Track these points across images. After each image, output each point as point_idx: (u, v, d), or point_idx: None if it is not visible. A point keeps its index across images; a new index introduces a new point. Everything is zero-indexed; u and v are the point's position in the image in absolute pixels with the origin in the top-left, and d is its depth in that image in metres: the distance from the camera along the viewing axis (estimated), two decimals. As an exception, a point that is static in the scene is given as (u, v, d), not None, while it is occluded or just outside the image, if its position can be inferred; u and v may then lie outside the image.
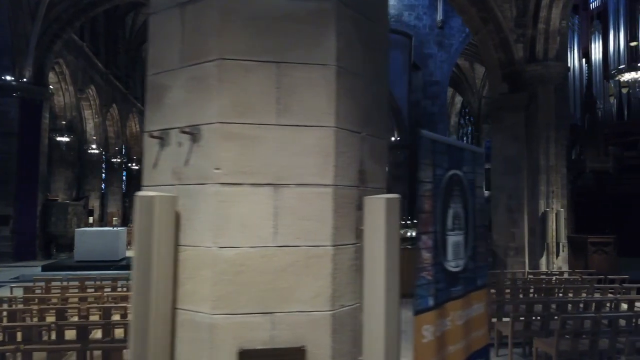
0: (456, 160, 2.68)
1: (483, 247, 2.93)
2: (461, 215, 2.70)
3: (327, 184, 2.43)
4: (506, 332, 7.44)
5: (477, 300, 2.86)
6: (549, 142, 13.42)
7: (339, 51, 2.48)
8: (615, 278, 10.08)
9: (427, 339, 2.37)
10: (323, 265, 2.41)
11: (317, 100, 2.44)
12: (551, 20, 13.58)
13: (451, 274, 2.60)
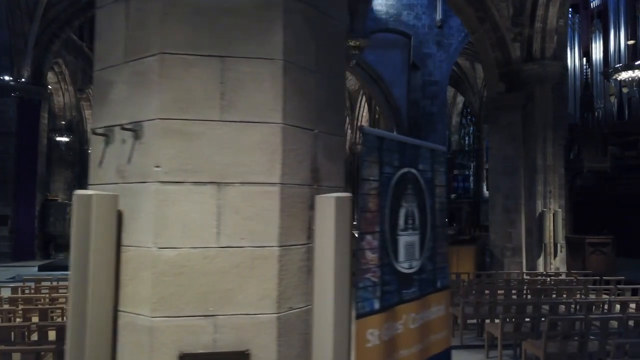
0: (410, 159, 2.59)
1: (444, 248, 2.83)
2: (416, 215, 2.61)
3: (273, 182, 2.35)
4: (497, 334, 7.35)
5: (436, 303, 2.77)
6: (546, 141, 13.30)
7: (287, 46, 2.40)
8: (611, 279, 9.95)
9: (371, 344, 2.28)
10: (269, 267, 2.33)
11: (263, 96, 2.36)
12: (548, 19, 13.45)
13: (403, 275, 2.52)
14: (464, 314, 8.45)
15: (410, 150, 2.62)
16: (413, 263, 2.58)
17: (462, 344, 8.27)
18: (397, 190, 2.49)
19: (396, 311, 2.45)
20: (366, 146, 2.29)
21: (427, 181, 2.72)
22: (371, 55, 22.30)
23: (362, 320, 2.25)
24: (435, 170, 2.80)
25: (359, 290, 2.22)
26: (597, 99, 20.02)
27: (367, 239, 2.28)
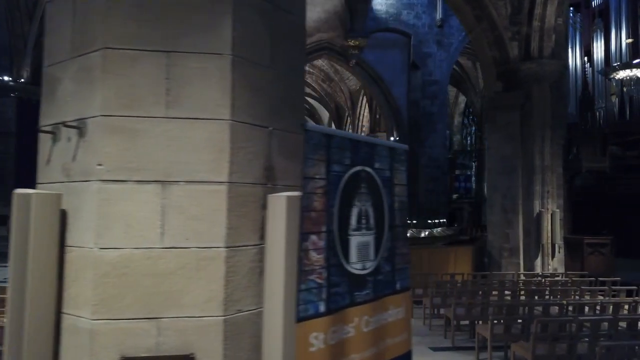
0: (364, 157, 2.51)
1: (405, 249, 2.75)
2: (370, 214, 2.53)
3: (220, 181, 2.28)
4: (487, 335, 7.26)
5: (395, 305, 2.69)
6: (545, 141, 13.16)
7: (237, 40, 2.33)
8: (607, 280, 9.85)
9: (315, 348, 2.20)
10: (215, 268, 2.26)
11: (211, 92, 2.29)
12: (546, 17, 13.31)
13: (355, 277, 2.44)
14: (456, 315, 8.38)
15: (364, 148, 2.54)
16: (367, 264, 2.50)
17: (453, 346, 8.20)
18: (348, 189, 2.41)
19: (346, 314, 2.37)
20: (310, 144, 2.21)
21: (385, 180, 2.64)
22: (371, 55, 22.24)
23: (304, 323, 2.16)
24: (394, 169, 2.72)
25: (301, 293, 2.14)
26: (599, 98, 19.85)
27: (312, 239, 2.21)
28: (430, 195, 21.33)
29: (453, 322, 8.43)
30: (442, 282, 9.81)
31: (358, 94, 29.49)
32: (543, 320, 6.38)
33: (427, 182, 21.25)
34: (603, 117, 19.55)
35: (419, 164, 21.43)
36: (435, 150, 21.52)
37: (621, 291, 9.05)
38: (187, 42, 2.28)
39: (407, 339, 2.85)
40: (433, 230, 15.43)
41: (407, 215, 2.86)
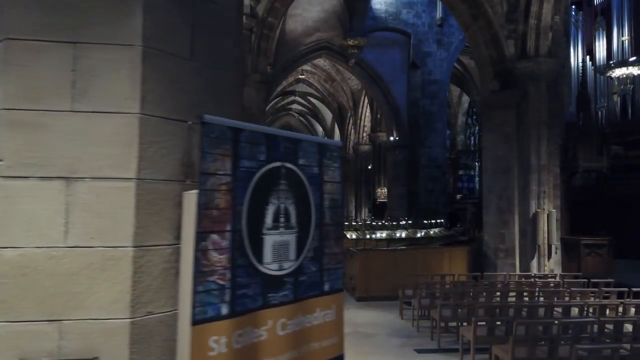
0: (285, 152, 2.41)
1: (337, 248, 2.64)
2: (291, 213, 2.42)
3: (128, 177, 2.19)
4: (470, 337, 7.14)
5: (323, 307, 2.57)
6: (541, 140, 12.98)
7: (149, 31, 2.23)
8: (600, 281, 9.67)
9: (216, 352, 2.10)
10: (122, 269, 2.17)
11: (120, 85, 2.20)
12: (542, 15, 13.13)
13: (270, 277, 2.33)
14: (442, 316, 8.26)
15: (285, 144, 2.43)
16: (285, 264, 2.40)
17: (439, 348, 8.09)
18: (263, 186, 2.31)
19: (258, 316, 2.26)
20: (210, 137, 2.11)
21: (312, 177, 2.53)
22: (371, 54, 22.15)
23: (202, 326, 2.06)
24: (324, 166, 2.61)
25: (198, 294, 2.04)
26: (601, 97, 19.65)
27: (213, 238, 2.10)
28: (429, 195, 21.18)
29: (439, 323, 8.32)
30: (430, 283, 9.68)
31: (360, 93, 29.41)
32: (523, 322, 6.25)
33: (426, 181, 21.10)
34: (605, 117, 19.36)
35: (419, 163, 21.30)
36: (435, 150, 21.37)
37: (613, 293, 8.88)
38: (95, 33, 2.19)
39: (339, 343, 2.73)
40: (429, 231, 15.26)
41: (340, 214, 2.74)
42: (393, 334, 8.97)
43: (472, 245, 14.45)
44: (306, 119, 43.01)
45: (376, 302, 11.46)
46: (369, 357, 7.71)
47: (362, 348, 8.04)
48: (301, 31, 21.14)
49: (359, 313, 10.70)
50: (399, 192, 22.03)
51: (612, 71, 12.58)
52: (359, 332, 9.02)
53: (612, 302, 7.67)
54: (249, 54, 12.53)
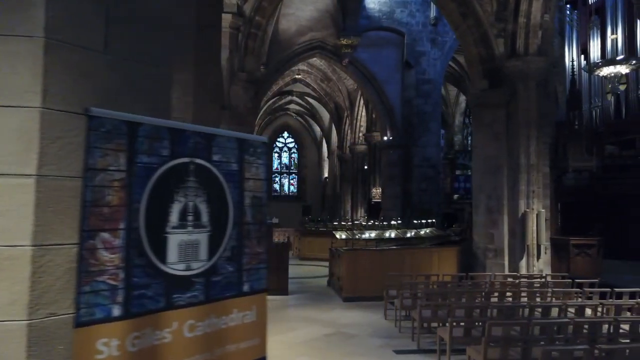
0: (195, 148, 2.32)
1: (259, 248, 2.56)
2: (202, 211, 2.34)
3: (28, 174, 2.11)
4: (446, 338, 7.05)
5: (241, 308, 2.49)
6: (530, 140, 12.88)
7: (53, 22, 2.16)
8: (584, 282, 9.58)
9: (104, 355, 2.02)
10: (19, 268, 2.09)
11: (20, 78, 2.12)
12: (532, 13, 13.05)
13: (176, 278, 2.25)
14: (422, 317, 8.18)
15: (195, 139, 2.35)
16: (194, 264, 2.32)
17: (419, 349, 8.01)
18: (166, 183, 2.23)
19: (159, 318, 2.18)
20: (99, 131, 2.03)
21: (230, 174, 2.45)
22: (364, 54, 22.06)
23: (88, 328, 1.98)
24: (246, 162, 2.53)
25: (84, 295, 1.96)
26: (595, 97, 19.53)
27: (103, 237, 2.03)
28: (423, 194, 21.09)
29: (419, 324, 8.24)
30: (413, 283, 9.58)
31: (356, 93, 29.32)
32: (497, 323, 6.16)
33: (420, 181, 21.02)
34: (599, 116, 19.24)
35: (413, 163, 21.21)
36: (429, 150, 21.27)
37: (596, 293, 8.79)
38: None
39: (260, 345, 2.65)
40: (420, 231, 15.16)
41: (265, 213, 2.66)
42: (375, 334, 8.89)
43: (462, 246, 14.34)
44: (304, 119, 42.93)
45: (363, 302, 11.38)
46: (348, 358, 7.64)
47: (342, 349, 7.98)
48: (294, 31, 21.06)
49: (344, 313, 10.63)
50: (393, 192, 21.94)
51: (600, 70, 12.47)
52: (341, 333, 8.95)
53: (592, 303, 7.57)
54: (236, 53, 12.45)
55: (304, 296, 12.55)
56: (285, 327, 9.26)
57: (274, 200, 43.39)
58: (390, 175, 22.21)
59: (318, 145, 43.99)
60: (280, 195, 44.96)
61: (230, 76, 12.30)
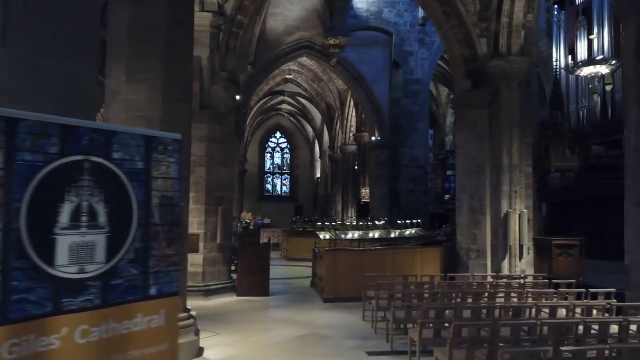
0: (90, 145, 2.23)
1: (170, 250, 2.48)
2: (99, 211, 2.27)
3: None
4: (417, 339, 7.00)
5: (147, 312, 2.41)
6: (512, 140, 12.85)
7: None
8: (561, 282, 9.54)
9: None
10: None
11: None
12: (514, 13, 13.02)
13: (66, 281, 2.17)
14: (395, 318, 8.13)
15: (90, 136, 2.26)
16: (89, 267, 2.24)
17: (392, 350, 7.96)
18: (54, 182, 2.13)
19: (45, 323, 2.09)
20: None
21: (134, 172, 2.37)
22: (353, 54, 22.05)
23: None
24: (154, 160, 2.45)
25: None
26: (582, 97, 19.52)
27: None
28: (411, 195, 21.07)
29: (392, 325, 8.19)
30: (390, 284, 9.52)
31: (346, 93, 29.29)
32: (464, 324, 6.11)
33: (408, 181, 21.00)
34: (586, 116, 19.23)
35: (400, 163, 21.19)
36: (416, 150, 21.26)
37: (571, 294, 8.75)
38: None
39: (169, 350, 2.57)
40: (404, 231, 15.12)
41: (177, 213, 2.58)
42: (350, 335, 8.84)
43: (445, 246, 14.30)
44: (296, 119, 42.88)
45: (343, 303, 11.33)
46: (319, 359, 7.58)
47: (314, 350, 7.92)
48: (282, 30, 21.02)
49: (323, 314, 10.57)
50: (381, 192, 21.92)
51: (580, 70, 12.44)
52: (316, 334, 8.89)
53: (564, 303, 7.53)
54: (217, 52, 12.38)
55: (285, 297, 12.50)
56: (261, 329, 9.21)
57: (266, 201, 43.37)
58: (378, 175, 22.18)
59: (310, 145, 43.95)
60: (273, 195, 44.92)
61: (211, 75, 12.23)
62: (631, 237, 8.78)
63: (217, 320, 9.69)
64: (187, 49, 7.61)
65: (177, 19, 7.27)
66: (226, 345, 8.03)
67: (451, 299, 8.83)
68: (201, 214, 11.84)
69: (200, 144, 11.91)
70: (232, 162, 12.97)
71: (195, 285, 11.71)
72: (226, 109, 12.51)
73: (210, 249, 11.96)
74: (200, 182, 11.87)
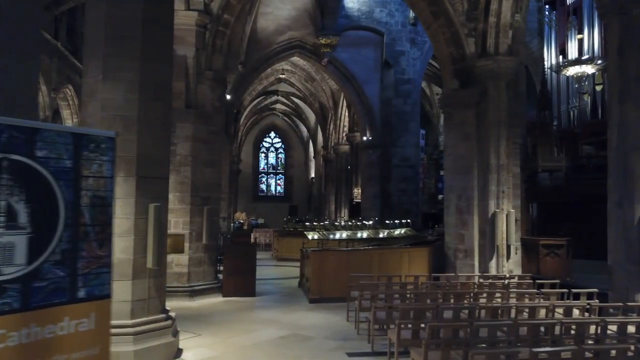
0: (7, 142, 2.15)
1: (102, 251, 2.42)
2: (19, 211, 2.20)
3: None
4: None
5: (75, 316, 2.35)
6: (500, 140, 12.81)
7: None
8: (545, 282, 9.51)
9: None
10: None
11: None
12: (502, 13, 12.98)
13: None
14: (376, 319, 8.09)
15: (9, 132, 2.19)
16: (6, 269, 2.17)
17: (372, 351, 7.92)
18: None
19: None
20: None
21: (61, 171, 2.30)
22: (344, 54, 22.00)
23: None
24: (84, 159, 2.38)
25: None
26: (572, 97, 19.49)
27: None
28: (402, 195, 21.03)
29: (373, 326, 8.15)
30: (374, 284, 9.47)
31: (340, 93, 29.22)
32: (434, 326, 6.06)
33: (399, 181, 20.96)
34: (576, 117, 19.20)
35: (392, 163, 21.14)
36: (408, 150, 21.21)
37: (554, 294, 8.72)
38: None
39: (101, 354, 2.50)
40: (394, 231, 15.07)
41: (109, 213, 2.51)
42: (332, 336, 8.79)
43: (433, 246, 14.25)
44: (290, 119, 42.81)
45: (328, 303, 11.29)
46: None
47: (293, 352, 7.87)
48: (273, 29, 20.95)
49: (307, 315, 10.53)
50: (372, 192, 21.88)
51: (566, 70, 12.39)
52: (298, 335, 8.84)
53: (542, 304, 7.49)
54: (203, 51, 12.32)
55: (272, 298, 12.44)
56: (243, 329, 9.15)
57: (260, 201, 43.28)
58: (369, 175, 22.14)
59: (305, 145, 43.88)
60: (267, 195, 44.84)
61: (197, 75, 12.17)
62: (614, 238, 8.74)
63: (200, 321, 9.65)
64: (166, 48, 7.56)
65: (154, 17, 7.22)
66: (205, 346, 7.98)
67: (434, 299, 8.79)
68: (187, 214, 11.78)
69: (186, 143, 11.86)
70: (218, 162, 12.89)
71: (181, 286, 11.66)
72: (213, 109, 12.45)
73: (195, 249, 11.90)
74: (185, 182, 11.81)
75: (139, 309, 6.88)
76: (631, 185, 8.51)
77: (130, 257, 6.83)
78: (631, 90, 8.61)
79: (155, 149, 7.25)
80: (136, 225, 6.89)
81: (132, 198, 6.87)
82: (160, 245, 7.21)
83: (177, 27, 12.01)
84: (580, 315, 7.88)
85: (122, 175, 6.83)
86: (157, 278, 7.23)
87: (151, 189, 7.08)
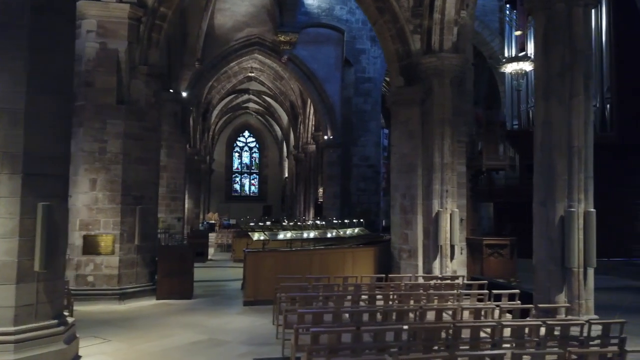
0: None
1: None
2: None
3: None
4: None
5: None
6: (444, 138, 12.55)
7: None
8: (473, 283, 9.28)
9: None
10: None
11: None
12: (446, 9, 12.75)
13: None
14: (287, 322, 7.79)
15: None
16: None
17: (282, 356, 7.63)
18: None
19: None
20: None
21: None
22: (304, 51, 21.73)
23: None
24: None
25: None
26: (532, 96, 19.34)
27: None
28: (362, 194, 20.80)
29: (283, 330, 7.84)
30: (297, 286, 9.17)
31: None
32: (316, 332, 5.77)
33: (358, 181, 20.73)
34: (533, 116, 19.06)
35: (352, 163, 20.89)
36: (368, 149, 20.98)
37: (474, 296, 8.50)
38: None
39: None
40: (344, 231, 14.79)
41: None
42: (249, 341, 8.49)
43: (380, 246, 13.99)
44: (264, 118, 42.48)
45: (263, 306, 10.96)
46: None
47: (197, 358, 7.55)
48: (231, 26, 20.65)
49: (235, 318, 10.22)
50: (333, 192, 21.63)
51: (505, 66, 12.17)
52: (213, 340, 8.53)
53: (446, 306, 7.24)
54: (137, 45, 11.95)
55: (208, 300, 12.07)
56: (160, 335, 8.79)
57: (234, 201, 42.86)
58: (330, 175, 21.88)
59: (279, 144, 43.58)
60: (241, 195, 44.46)
61: (130, 69, 11.78)
62: (537, 237, 8.54)
63: (119, 326, 9.28)
64: (61, 37, 7.15)
65: (44, 4, 6.83)
66: (107, 353, 7.61)
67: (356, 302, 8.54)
68: (117, 214, 11.39)
69: (117, 140, 11.48)
70: (155, 160, 12.52)
71: (110, 288, 11.28)
72: (147, 105, 12.07)
73: (127, 250, 11.51)
74: (116, 180, 11.43)
75: (24, 314, 6.48)
76: (553, 184, 8.30)
77: (15, 260, 6.44)
78: (555, 86, 8.41)
79: (49, 145, 6.86)
80: (22, 225, 6.49)
81: (18, 197, 6.49)
82: (55, 246, 6.82)
83: (108, 20, 11.67)
84: (500, 317, 7.66)
85: (6, 173, 6.46)
86: (50, 282, 6.82)
87: (42, 187, 6.70)
